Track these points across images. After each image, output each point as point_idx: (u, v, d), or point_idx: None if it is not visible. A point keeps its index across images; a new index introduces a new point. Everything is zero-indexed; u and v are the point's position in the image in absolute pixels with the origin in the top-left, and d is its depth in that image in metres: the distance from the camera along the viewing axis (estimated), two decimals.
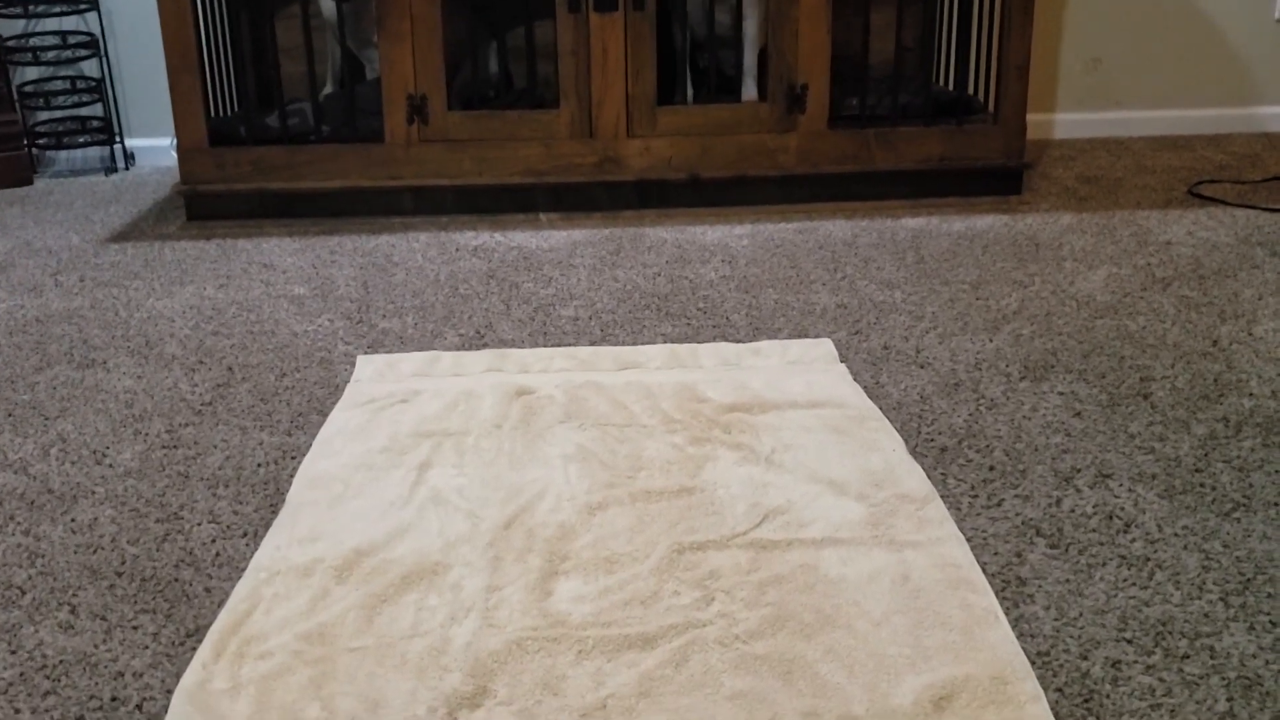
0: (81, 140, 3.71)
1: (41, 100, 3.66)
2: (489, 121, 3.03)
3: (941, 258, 2.65)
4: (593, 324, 2.32)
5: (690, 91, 3.16)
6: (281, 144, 3.05)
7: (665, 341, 2.22)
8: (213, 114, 3.09)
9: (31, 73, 3.67)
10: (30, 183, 3.57)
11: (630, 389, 1.98)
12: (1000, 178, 3.07)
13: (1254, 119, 3.76)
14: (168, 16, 2.93)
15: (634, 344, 2.21)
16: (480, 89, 3.23)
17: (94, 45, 3.62)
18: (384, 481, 1.68)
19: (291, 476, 1.71)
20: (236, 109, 3.31)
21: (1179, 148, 3.60)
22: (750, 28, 3.09)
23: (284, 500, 1.64)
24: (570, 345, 2.21)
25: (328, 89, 3.39)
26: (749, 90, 3.12)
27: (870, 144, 3.00)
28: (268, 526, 1.57)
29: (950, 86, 3.25)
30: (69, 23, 3.63)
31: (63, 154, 3.77)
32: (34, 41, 3.61)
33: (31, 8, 3.55)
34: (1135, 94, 3.76)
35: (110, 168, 3.72)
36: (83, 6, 3.57)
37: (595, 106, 2.98)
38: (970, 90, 3.19)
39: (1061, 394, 1.93)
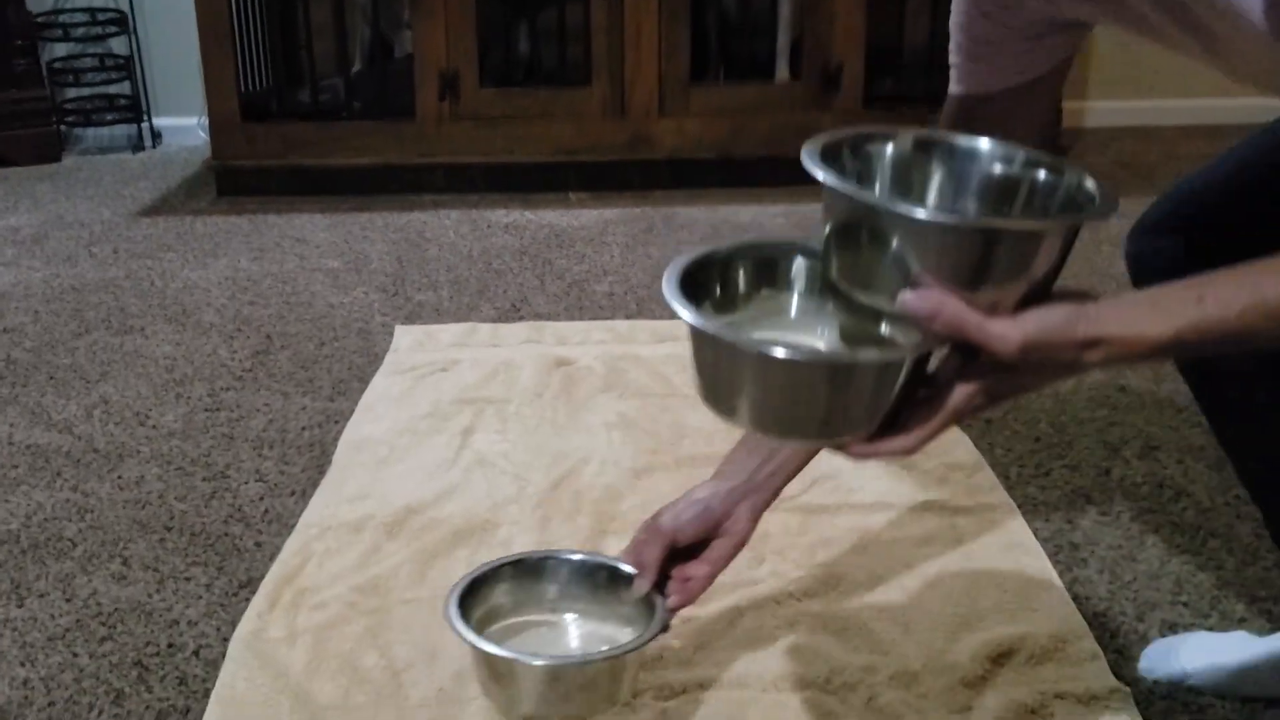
0: (109, 118, 3.71)
1: (70, 77, 3.66)
2: (520, 99, 3.03)
3: None
4: (628, 299, 2.31)
5: (723, 71, 3.15)
6: (312, 120, 3.05)
7: None
8: (244, 89, 3.08)
9: (60, 49, 3.68)
10: (59, 159, 3.57)
11: (670, 361, 1.98)
12: None
13: None
14: None
15: (671, 319, 2.20)
16: (511, 67, 3.23)
17: (123, 22, 3.62)
18: (428, 445, 1.68)
19: (336, 439, 1.71)
20: (267, 84, 3.30)
21: (1210, 136, 3.58)
22: (785, 8, 3.08)
23: (330, 462, 1.64)
24: (606, 319, 2.21)
25: (356, 68, 3.39)
26: (782, 70, 3.11)
27: (903, 124, 2.99)
28: (315, 486, 1.58)
29: None
30: (98, 0, 3.64)
31: (90, 131, 3.77)
32: (63, 18, 3.61)
33: None
34: (1167, 82, 3.74)
35: (138, 145, 3.72)
36: None
37: (628, 85, 2.98)
38: None
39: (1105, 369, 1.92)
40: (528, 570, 1.11)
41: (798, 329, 0.86)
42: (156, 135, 3.77)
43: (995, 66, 0.98)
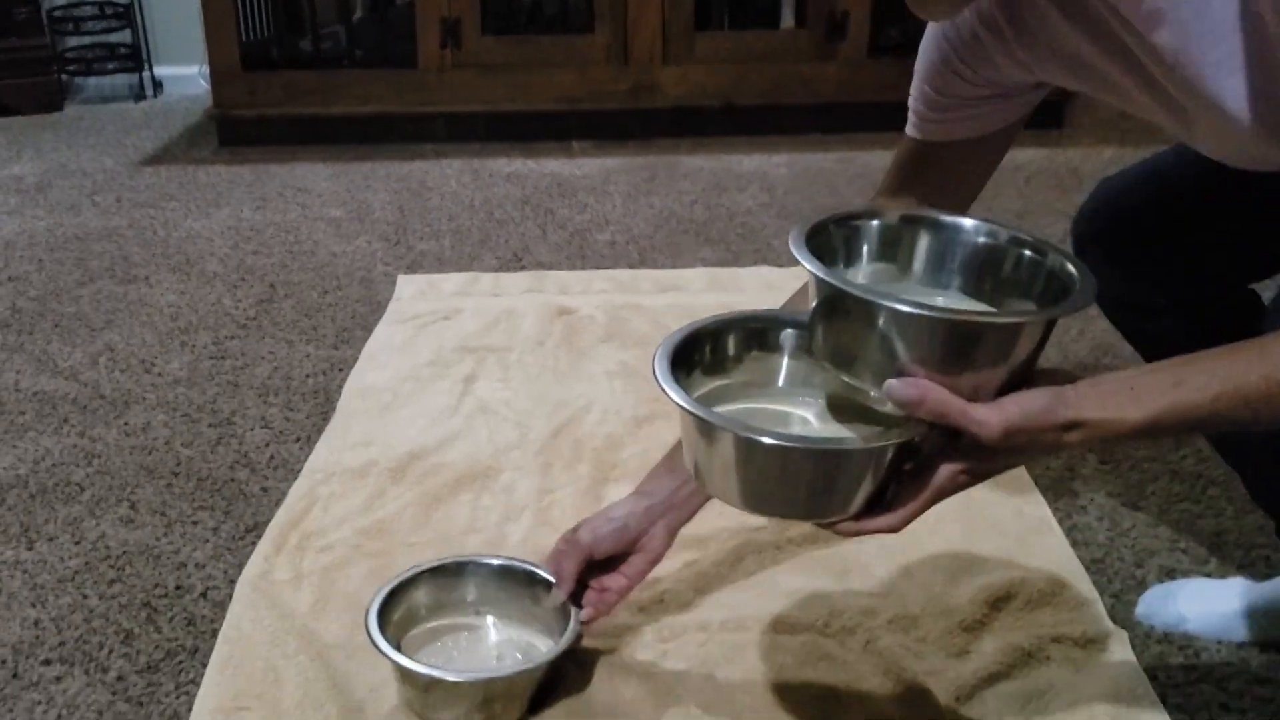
0: (110, 67, 3.68)
1: (71, 25, 3.63)
2: (522, 47, 3.00)
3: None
4: (630, 249, 2.31)
5: (727, 18, 3.12)
6: (314, 69, 3.03)
7: (705, 266, 2.21)
8: (244, 37, 3.06)
9: None
10: (60, 108, 3.55)
11: (671, 310, 1.98)
12: (1041, 109, 3.02)
13: None
14: None
15: (673, 268, 2.20)
16: (513, 14, 3.19)
17: None
18: (431, 392, 1.69)
19: (340, 387, 1.72)
20: (268, 32, 3.28)
21: None
22: None
23: (334, 409, 1.65)
24: (608, 269, 2.20)
25: (358, 15, 3.36)
26: (787, 18, 3.08)
27: (911, 74, 2.97)
28: (320, 432, 1.58)
29: None
30: None
31: (91, 80, 3.75)
32: None
33: None
34: None
35: (139, 94, 3.70)
36: None
37: (631, 32, 2.95)
38: None
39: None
40: (448, 574, 1.13)
41: (786, 398, 0.89)
42: (158, 84, 3.74)
43: (957, 119, 0.99)
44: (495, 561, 1.15)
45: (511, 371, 1.76)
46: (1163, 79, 0.82)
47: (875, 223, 0.89)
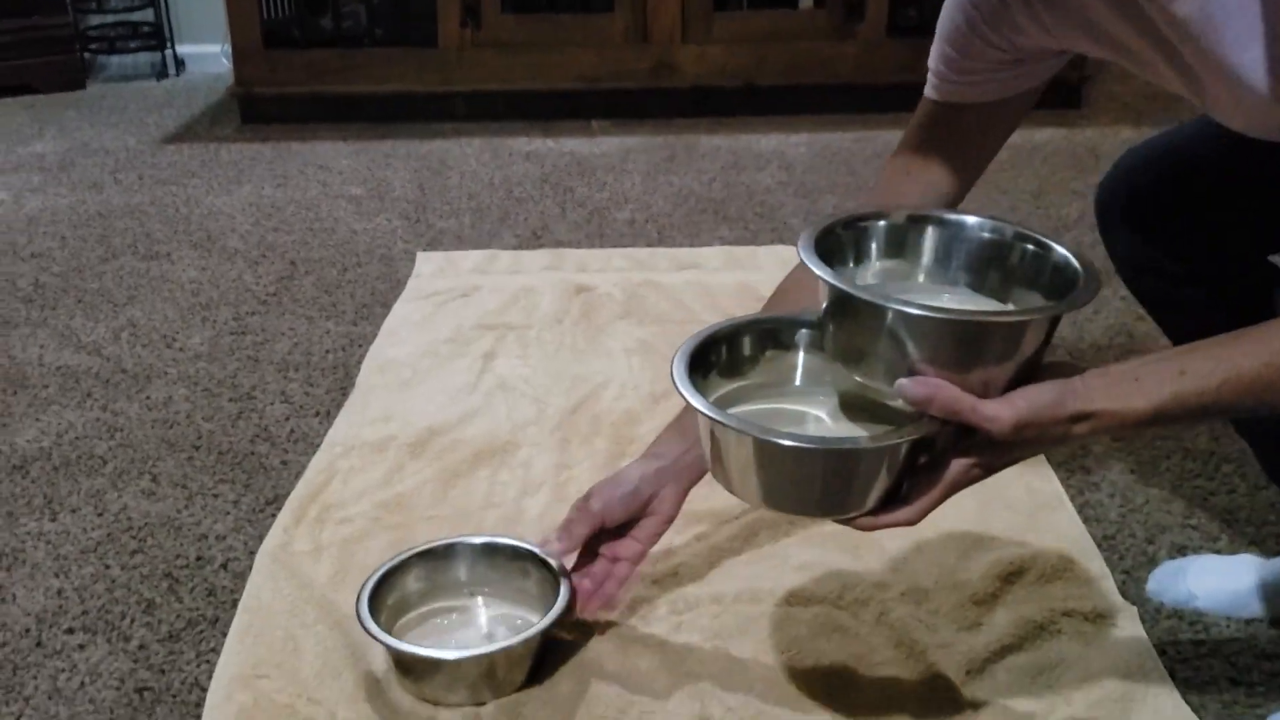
0: (133, 45, 3.70)
1: (93, 3, 3.65)
2: (542, 25, 3.00)
3: (1000, 168, 2.62)
4: (649, 227, 2.32)
5: None
6: (335, 47, 3.04)
7: (723, 245, 2.22)
8: (266, 15, 3.07)
9: None
10: (83, 86, 3.58)
11: (689, 288, 1.99)
12: (1059, 90, 3.02)
13: None
14: None
15: (691, 247, 2.21)
16: None
17: None
18: (450, 369, 1.70)
19: (359, 363, 1.73)
20: (289, 11, 3.29)
21: None
22: None
23: (354, 384, 1.67)
24: (627, 247, 2.21)
25: None
26: None
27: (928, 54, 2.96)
28: (339, 407, 1.60)
29: None
30: None
31: (114, 59, 3.77)
32: None
33: None
34: None
35: (161, 73, 3.72)
36: None
37: (650, 12, 2.95)
38: None
39: (1124, 298, 1.91)
40: (436, 557, 1.15)
41: (801, 398, 0.91)
42: (180, 63, 3.76)
43: (977, 82, 0.99)
44: (478, 540, 1.16)
45: (530, 348, 1.77)
46: (1182, 48, 0.83)
47: (882, 223, 0.92)
